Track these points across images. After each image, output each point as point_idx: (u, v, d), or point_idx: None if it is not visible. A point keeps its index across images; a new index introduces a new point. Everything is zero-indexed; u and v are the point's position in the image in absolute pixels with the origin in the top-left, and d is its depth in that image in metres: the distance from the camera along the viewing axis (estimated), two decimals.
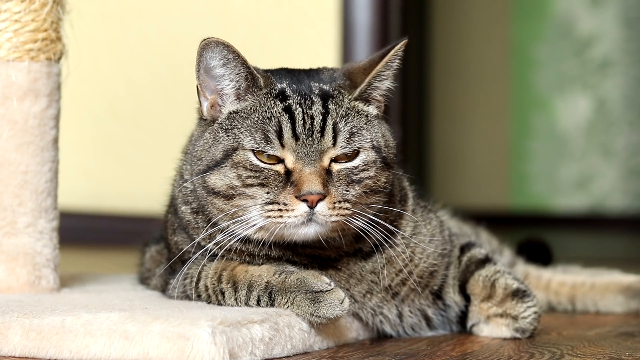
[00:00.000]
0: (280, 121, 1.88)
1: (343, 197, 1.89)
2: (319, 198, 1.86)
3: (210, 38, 1.90)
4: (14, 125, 2.23)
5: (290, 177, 1.87)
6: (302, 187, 1.85)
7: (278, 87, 1.93)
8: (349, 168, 1.91)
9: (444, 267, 2.11)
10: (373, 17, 4.17)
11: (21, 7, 2.23)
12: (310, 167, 1.87)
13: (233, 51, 1.91)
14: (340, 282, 1.98)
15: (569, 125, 7.40)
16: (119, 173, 4.57)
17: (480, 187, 7.53)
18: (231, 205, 1.90)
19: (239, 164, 1.88)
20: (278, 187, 1.87)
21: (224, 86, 1.94)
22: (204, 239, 2.01)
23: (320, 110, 1.90)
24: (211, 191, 1.92)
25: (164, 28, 4.48)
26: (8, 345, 1.82)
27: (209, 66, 1.93)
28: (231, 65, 1.92)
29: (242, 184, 1.88)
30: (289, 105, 1.90)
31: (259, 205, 1.88)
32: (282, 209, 1.86)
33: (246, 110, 1.91)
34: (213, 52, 1.91)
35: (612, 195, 7.37)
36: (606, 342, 2.09)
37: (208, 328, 1.72)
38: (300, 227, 1.88)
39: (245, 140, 1.89)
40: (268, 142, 1.87)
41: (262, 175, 1.88)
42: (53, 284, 2.28)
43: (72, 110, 3.31)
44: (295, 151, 1.87)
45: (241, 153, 1.89)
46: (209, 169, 1.92)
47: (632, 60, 7.33)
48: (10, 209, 2.23)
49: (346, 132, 1.90)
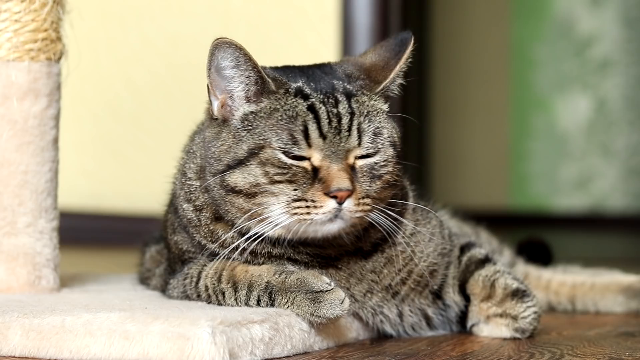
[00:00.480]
0: (305, 120, 1.89)
1: (366, 192, 1.91)
2: (348, 194, 1.87)
3: (222, 38, 1.90)
4: (14, 125, 2.23)
5: (318, 174, 1.88)
6: (332, 184, 1.86)
7: (294, 86, 1.93)
8: (371, 164, 1.93)
9: (444, 266, 2.12)
10: (373, 17, 4.17)
11: (21, 7, 2.23)
12: (338, 164, 1.88)
13: (245, 54, 1.90)
14: (341, 281, 1.99)
15: (569, 125, 7.40)
16: (118, 173, 4.57)
17: (480, 187, 7.53)
18: (252, 204, 1.90)
19: (266, 162, 1.88)
20: (306, 184, 1.88)
21: (234, 87, 1.93)
22: (205, 237, 2.01)
23: (347, 110, 1.91)
24: (231, 190, 1.91)
25: (163, 28, 4.48)
26: (8, 345, 1.82)
27: (220, 66, 1.93)
28: (242, 67, 1.92)
29: (269, 181, 1.88)
30: (312, 104, 1.90)
31: (284, 203, 1.88)
32: (310, 206, 1.87)
33: (265, 110, 1.91)
34: (225, 53, 1.91)
35: (612, 195, 7.37)
36: (606, 342, 2.09)
37: (208, 328, 1.72)
38: (326, 224, 1.89)
39: (273, 139, 1.89)
40: (295, 143, 1.88)
41: (291, 172, 1.88)
42: (53, 284, 2.28)
43: (72, 110, 3.31)
44: (322, 149, 1.88)
45: (269, 151, 1.89)
46: (229, 168, 1.91)
47: (632, 60, 7.33)
48: (10, 209, 2.23)
49: (370, 132, 1.92)
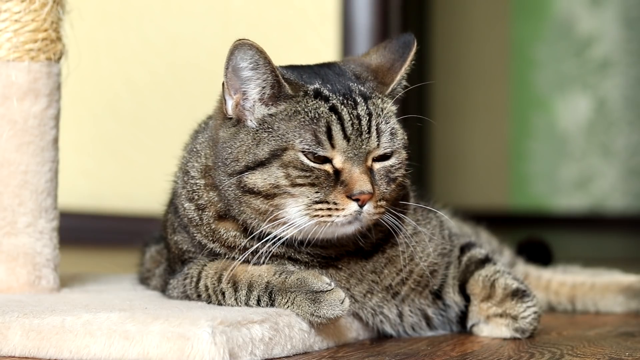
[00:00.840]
0: (329, 121, 1.89)
1: (382, 195, 1.93)
2: (369, 197, 1.88)
3: (244, 39, 1.89)
4: (14, 125, 2.23)
5: (340, 176, 1.89)
6: (355, 187, 1.87)
7: (311, 88, 1.93)
8: (387, 167, 1.95)
9: (444, 266, 2.12)
10: (373, 17, 4.17)
11: (21, 7, 2.23)
12: (359, 167, 1.89)
13: (265, 57, 1.90)
14: (341, 281, 1.99)
15: (569, 125, 7.40)
16: (118, 173, 4.57)
17: (480, 187, 7.53)
18: (269, 205, 1.90)
19: (289, 164, 1.88)
20: (329, 187, 1.88)
21: (249, 89, 1.93)
22: (206, 236, 2.01)
23: (366, 111, 1.92)
24: (249, 191, 1.91)
25: (163, 28, 4.48)
26: (8, 345, 1.82)
27: (238, 66, 1.91)
28: (260, 70, 1.91)
29: (290, 183, 1.88)
30: (334, 106, 1.91)
31: (303, 205, 1.89)
32: (331, 208, 1.88)
33: (286, 112, 1.91)
34: (245, 54, 1.90)
35: (612, 195, 7.37)
36: (606, 342, 2.09)
37: (208, 328, 1.72)
38: (345, 226, 1.90)
39: (296, 141, 1.89)
40: (319, 144, 1.88)
41: (313, 175, 1.88)
42: (53, 284, 2.28)
43: (72, 110, 3.31)
44: (345, 152, 1.89)
45: (292, 153, 1.89)
46: (248, 169, 1.90)
47: (632, 60, 7.33)
48: (10, 209, 2.23)
49: (387, 132, 1.94)
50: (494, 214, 6.51)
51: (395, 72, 2.01)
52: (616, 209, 7.34)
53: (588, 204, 7.39)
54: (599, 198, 7.38)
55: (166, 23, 4.48)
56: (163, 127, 4.48)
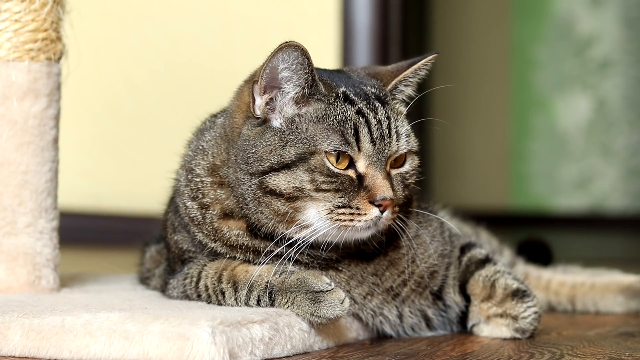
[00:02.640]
0: (356, 124, 1.90)
1: (399, 201, 1.95)
2: (390, 203, 1.91)
3: (292, 42, 1.87)
4: (14, 125, 2.23)
5: (363, 181, 1.90)
6: (378, 193, 1.89)
7: (341, 91, 1.95)
8: (402, 173, 1.97)
9: (444, 267, 2.12)
10: (373, 17, 4.17)
11: (21, 7, 2.23)
12: (381, 172, 1.91)
13: (308, 58, 1.89)
14: (341, 283, 1.98)
15: (569, 125, 7.40)
16: (118, 173, 4.57)
17: (480, 187, 7.53)
18: (290, 207, 1.90)
19: (315, 169, 1.89)
20: (353, 192, 1.89)
21: (286, 89, 1.92)
22: (207, 235, 2.01)
23: (386, 116, 1.94)
24: (271, 192, 1.91)
25: (163, 28, 4.48)
26: (8, 345, 1.82)
27: (277, 67, 1.91)
28: (301, 71, 1.90)
29: (314, 188, 1.89)
30: (360, 109, 1.92)
31: (325, 209, 1.89)
32: (354, 213, 1.89)
33: (315, 114, 1.92)
34: (289, 56, 1.89)
35: (612, 195, 7.37)
36: (606, 342, 2.09)
37: (208, 328, 1.72)
38: (364, 231, 1.92)
39: (324, 143, 1.89)
40: (348, 144, 1.89)
41: (338, 181, 1.89)
42: (53, 284, 2.28)
43: (72, 110, 3.31)
44: (369, 156, 1.91)
45: (318, 157, 1.89)
46: (272, 170, 1.90)
47: (632, 60, 7.33)
48: (10, 209, 2.23)
49: (404, 135, 1.96)
50: (494, 214, 6.51)
51: (399, 73, 2.02)
52: (616, 209, 7.34)
53: (588, 204, 7.39)
54: (599, 198, 7.38)
55: (166, 22, 4.48)
56: (163, 126, 4.48)
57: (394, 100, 2.01)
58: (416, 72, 2.03)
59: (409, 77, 2.03)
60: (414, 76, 2.04)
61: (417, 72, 2.03)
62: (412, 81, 2.04)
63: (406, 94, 2.05)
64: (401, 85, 2.03)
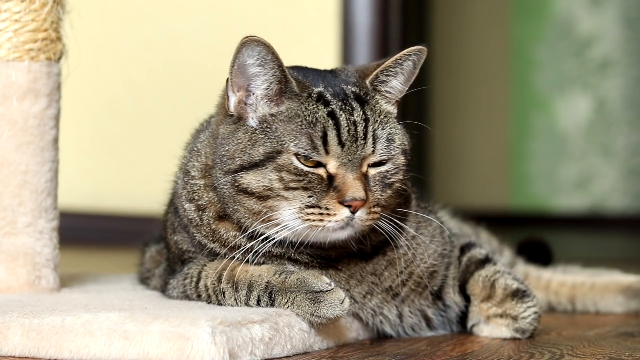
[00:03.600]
0: (325, 127, 1.88)
1: (377, 201, 1.92)
2: (362, 204, 1.87)
3: (252, 36, 1.88)
4: (14, 125, 2.23)
5: (333, 181, 1.88)
6: (347, 193, 1.87)
7: (316, 91, 1.93)
8: (383, 172, 1.93)
9: (444, 267, 2.11)
10: (373, 17, 4.17)
11: (21, 7, 2.23)
12: (353, 172, 1.88)
13: (272, 52, 1.89)
14: (340, 282, 1.98)
15: (569, 125, 7.40)
16: (118, 173, 4.57)
17: (480, 187, 7.53)
18: (263, 206, 1.90)
19: (282, 168, 1.88)
20: (321, 192, 1.88)
21: (255, 85, 1.92)
22: (206, 237, 2.01)
23: (362, 117, 1.91)
24: (243, 191, 1.91)
25: (163, 28, 4.48)
26: (8, 345, 1.82)
27: (244, 63, 1.91)
28: (267, 66, 1.90)
29: (283, 186, 1.88)
30: (333, 111, 1.90)
31: (296, 208, 1.88)
32: (323, 213, 1.87)
33: (286, 113, 1.91)
34: (252, 50, 1.89)
35: (612, 195, 7.37)
36: (606, 342, 2.09)
37: (208, 328, 1.72)
38: (337, 231, 1.90)
39: (290, 144, 1.88)
40: (314, 149, 1.87)
41: (306, 179, 1.88)
42: (53, 284, 2.28)
43: (72, 110, 3.31)
44: (339, 157, 1.88)
45: (285, 157, 1.88)
46: (243, 168, 1.90)
47: (632, 60, 7.33)
48: (10, 209, 2.23)
49: (384, 139, 1.93)
50: (494, 214, 6.50)
51: (378, 66, 1.99)
52: (616, 209, 7.34)
53: (588, 204, 7.39)
54: (599, 198, 7.38)
55: (166, 22, 4.48)
56: (163, 126, 4.48)
57: (377, 97, 1.97)
58: (397, 62, 1.98)
59: (390, 67, 1.98)
60: (395, 66, 1.98)
61: (398, 62, 1.98)
62: (395, 71, 1.99)
63: (392, 85, 2.00)
64: (382, 75, 1.98)
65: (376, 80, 1.98)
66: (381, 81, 1.99)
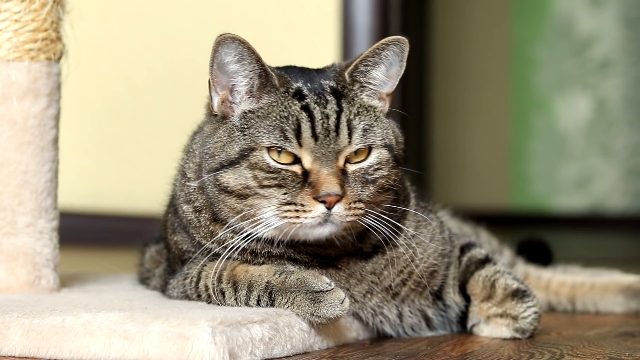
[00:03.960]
0: (299, 120, 1.88)
1: (358, 197, 1.90)
2: (337, 199, 1.86)
3: (226, 34, 1.89)
4: (14, 125, 2.23)
5: (308, 178, 1.87)
6: (321, 189, 1.86)
7: (295, 86, 1.93)
8: (364, 168, 1.92)
9: (444, 267, 2.11)
10: (373, 17, 4.17)
11: (21, 7, 2.23)
12: (327, 167, 1.87)
13: (248, 47, 1.90)
14: (340, 281, 1.98)
15: (569, 125, 7.40)
16: (118, 173, 4.57)
17: (480, 187, 7.53)
18: (244, 205, 1.90)
19: (255, 165, 1.88)
20: (296, 188, 1.87)
21: (237, 82, 1.93)
22: (205, 237, 2.01)
23: (334, 109, 1.90)
24: (224, 189, 1.91)
25: (163, 28, 4.48)
26: (8, 345, 1.82)
27: (223, 61, 1.92)
28: (246, 62, 1.91)
29: (258, 184, 1.88)
30: (307, 105, 1.90)
31: (274, 206, 1.88)
32: (299, 210, 1.87)
33: (263, 109, 1.91)
34: (228, 48, 1.90)
35: (612, 195, 7.37)
36: (606, 342, 2.09)
37: (208, 328, 1.72)
38: (316, 228, 1.89)
39: (263, 139, 1.88)
40: (287, 140, 1.87)
41: (280, 177, 1.88)
42: (53, 284, 2.28)
43: (72, 110, 3.31)
44: (313, 151, 1.87)
45: (258, 154, 1.88)
46: (222, 167, 1.91)
47: (632, 60, 7.33)
48: (10, 209, 2.23)
49: (360, 129, 1.91)
50: (494, 214, 6.50)
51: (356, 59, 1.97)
52: (616, 209, 7.34)
53: (588, 204, 7.39)
54: (599, 198, 7.38)
55: (166, 22, 4.48)
56: (163, 126, 4.48)
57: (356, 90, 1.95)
58: (375, 52, 1.96)
59: (369, 57, 1.96)
60: (373, 56, 1.96)
61: (376, 51, 1.96)
62: (373, 61, 1.96)
63: (372, 77, 1.97)
64: (361, 65, 1.96)
65: (355, 71, 1.96)
66: (360, 72, 1.97)
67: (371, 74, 1.97)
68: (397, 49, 1.97)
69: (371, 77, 1.98)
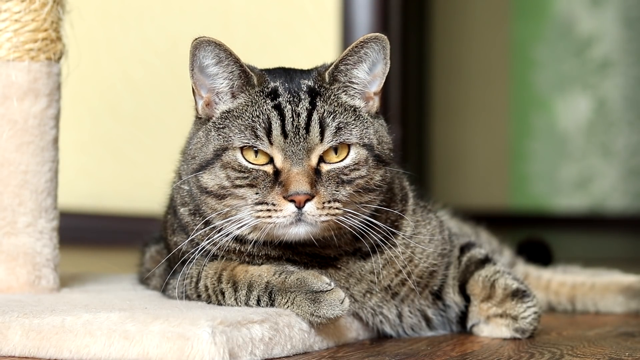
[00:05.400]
0: (269, 118, 1.88)
1: (333, 197, 1.89)
2: (307, 198, 1.86)
3: (201, 37, 1.90)
4: (14, 125, 2.23)
5: (279, 177, 1.87)
6: (290, 188, 1.85)
7: (271, 86, 1.93)
8: (339, 168, 1.91)
9: (444, 267, 2.11)
10: (373, 17, 4.17)
11: (21, 7, 2.23)
12: (298, 166, 1.87)
13: (225, 49, 1.91)
14: (340, 281, 1.98)
15: (569, 125, 7.40)
16: (118, 173, 4.57)
17: (480, 187, 7.53)
18: (223, 205, 1.91)
19: (227, 165, 1.89)
20: (267, 188, 1.88)
21: (218, 84, 1.94)
22: (201, 237, 2.01)
23: (306, 107, 1.90)
24: (204, 190, 1.93)
25: (163, 28, 4.48)
26: (8, 345, 1.82)
27: (203, 65, 1.93)
28: (224, 63, 1.92)
29: (231, 184, 1.89)
30: (279, 103, 1.90)
31: (250, 206, 1.89)
32: (270, 209, 1.87)
33: (238, 109, 1.92)
34: (205, 51, 1.91)
35: (612, 195, 7.37)
36: (606, 342, 2.09)
37: (208, 328, 1.72)
38: (289, 227, 1.88)
39: (235, 138, 1.89)
40: (257, 138, 1.88)
41: (251, 176, 1.88)
42: (53, 284, 2.28)
43: (72, 110, 3.31)
44: (283, 149, 1.87)
45: (230, 153, 1.89)
46: (201, 168, 1.93)
47: (632, 60, 7.33)
48: (10, 209, 2.23)
49: (333, 127, 1.90)
50: (494, 214, 6.51)
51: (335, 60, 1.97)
52: (616, 209, 7.34)
53: (588, 204, 7.39)
54: (599, 198, 7.38)
55: (166, 23, 4.48)
56: (163, 126, 4.48)
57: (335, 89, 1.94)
58: (354, 50, 1.95)
59: (348, 56, 1.95)
60: (352, 54, 1.95)
61: (354, 50, 1.95)
62: (353, 60, 1.95)
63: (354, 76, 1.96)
64: (342, 65, 1.95)
65: (336, 70, 1.96)
66: (340, 71, 1.96)
67: (352, 73, 1.97)
68: (377, 46, 1.96)
69: (353, 76, 1.97)
